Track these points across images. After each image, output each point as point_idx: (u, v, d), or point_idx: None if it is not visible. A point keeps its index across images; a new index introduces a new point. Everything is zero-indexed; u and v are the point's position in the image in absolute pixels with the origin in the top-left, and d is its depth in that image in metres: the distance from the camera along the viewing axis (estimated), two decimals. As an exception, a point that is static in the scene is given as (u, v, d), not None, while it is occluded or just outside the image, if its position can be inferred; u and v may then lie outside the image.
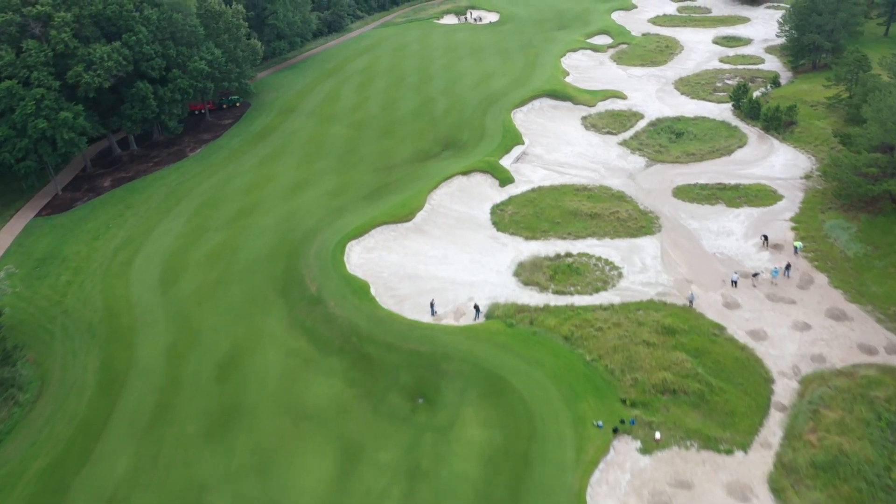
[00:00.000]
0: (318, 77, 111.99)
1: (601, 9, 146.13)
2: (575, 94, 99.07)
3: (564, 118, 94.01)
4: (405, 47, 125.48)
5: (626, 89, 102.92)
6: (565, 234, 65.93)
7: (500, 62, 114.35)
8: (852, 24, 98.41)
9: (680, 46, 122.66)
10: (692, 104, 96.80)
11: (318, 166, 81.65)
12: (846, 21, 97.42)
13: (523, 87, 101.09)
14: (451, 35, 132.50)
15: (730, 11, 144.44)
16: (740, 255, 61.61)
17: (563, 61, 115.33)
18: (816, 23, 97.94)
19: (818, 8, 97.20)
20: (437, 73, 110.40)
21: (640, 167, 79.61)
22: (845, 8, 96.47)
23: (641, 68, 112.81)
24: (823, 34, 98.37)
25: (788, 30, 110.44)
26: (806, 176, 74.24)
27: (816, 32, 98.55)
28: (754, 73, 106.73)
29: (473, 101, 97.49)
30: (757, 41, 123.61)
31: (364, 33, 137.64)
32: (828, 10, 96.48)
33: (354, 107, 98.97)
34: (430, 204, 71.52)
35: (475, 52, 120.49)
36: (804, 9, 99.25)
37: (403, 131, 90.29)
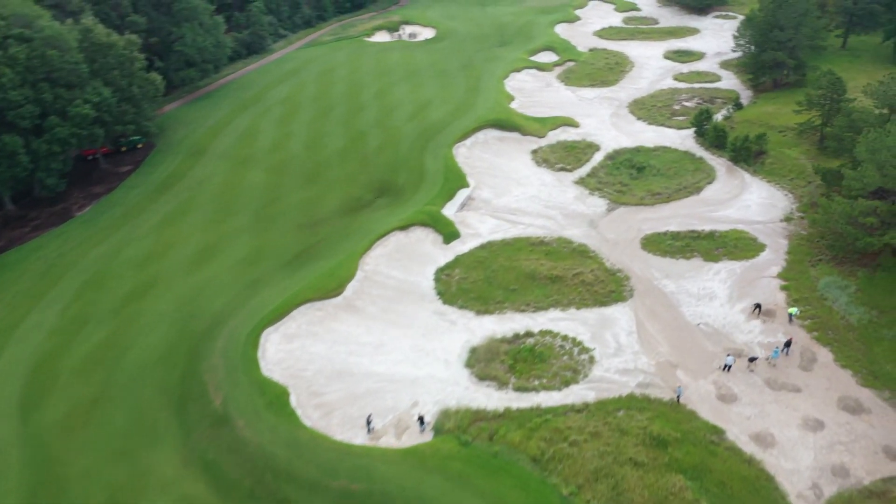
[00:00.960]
0: (235, 109, 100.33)
1: (544, 22, 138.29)
2: (523, 123, 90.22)
3: (513, 152, 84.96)
4: (333, 71, 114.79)
5: (577, 115, 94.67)
6: (523, 306, 56.58)
7: (439, 87, 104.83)
8: (816, 39, 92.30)
9: (630, 63, 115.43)
10: (650, 131, 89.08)
11: (231, 225, 70.41)
12: (810, 36, 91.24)
13: (465, 117, 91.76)
14: (383, 55, 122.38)
15: (678, 22, 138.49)
16: (728, 325, 53.32)
17: (507, 83, 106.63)
18: (777, 38, 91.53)
19: (779, 23, 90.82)
20: (368, 102, 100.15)
21: (602, 211, 71.01)
22: (808, 23, 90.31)
23: (592, 89, 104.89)
24: (785, 50, 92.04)
25: (745, 44, 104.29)
26: (786, 218, 66.87)
27: (777, 49, 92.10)
28: (712, 92, 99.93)
29: (410, 136, 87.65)
30: (710, 55, 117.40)
31: (288, 54, 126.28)
32: (790, 25, 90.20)
33: (275, 145, 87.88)
34: (363, 271, 61.28)
35: (411, 76, 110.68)
36: (764, 24, 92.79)
37: (331, 175, 79.79)
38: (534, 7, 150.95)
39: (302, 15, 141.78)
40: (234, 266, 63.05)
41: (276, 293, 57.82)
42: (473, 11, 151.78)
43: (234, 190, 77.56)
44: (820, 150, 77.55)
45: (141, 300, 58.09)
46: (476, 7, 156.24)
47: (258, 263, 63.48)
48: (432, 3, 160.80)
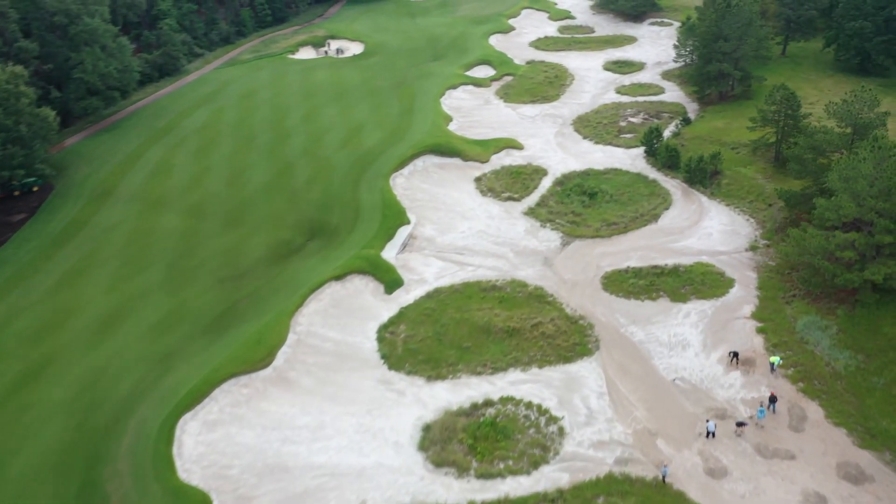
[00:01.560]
0: (145, 141, 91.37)
1: (477, 33, 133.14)
2: (463, 147, 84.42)
3: (455, 181, 79.06)
4: (255, 93, 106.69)
5: (520, 135, 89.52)
6: (480, 367, 50.63)
7: (371, 108, 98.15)
8: (760, 49, 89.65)
9: (570, 76, 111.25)
10: (598, 152, 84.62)
11: (142, 282, 62.17)
12: (755, 47, 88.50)
13: (402, 143, 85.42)
14: (309, 74, 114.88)
15: (613, 30, 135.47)
16: (706, 379, 48.55)
17: (443, 102, 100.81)
18: (722, 49, 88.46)
19: (723, 33, 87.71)
20: (295, 128, 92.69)
21: (556, 246, 65.74)
22: (752, 32, 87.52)
23: (533, 106, 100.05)
24: (730, 61, 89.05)
25: (687, 54, 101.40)
26: (752, 247, 62.96)
27: (722, 60, 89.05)
28: (658, 106, 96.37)
29: (343, 166, 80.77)
30: (650, 65, 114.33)
31: (204, 76, 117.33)
32: (734, 35, 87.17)
33: (192, 183, 79.63)
34: (296, 333, 54.27)
35: (340, 96, 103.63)
36: (707, 34, 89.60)
37: (256, 215, 72.22)
38: (465, 17, 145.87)
39: (219, 31, 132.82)
40: (145, 335, 55.02)
41: (195, 368, 50.27)
42: (403, 23, 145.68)
43: (146, 238, 69.13)
44: (776, 168, 74.49)
45: (31, 387, 49.54)
46: (406, 18, 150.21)
47: (173, 330, 55.59)
48: (359, 14, 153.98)
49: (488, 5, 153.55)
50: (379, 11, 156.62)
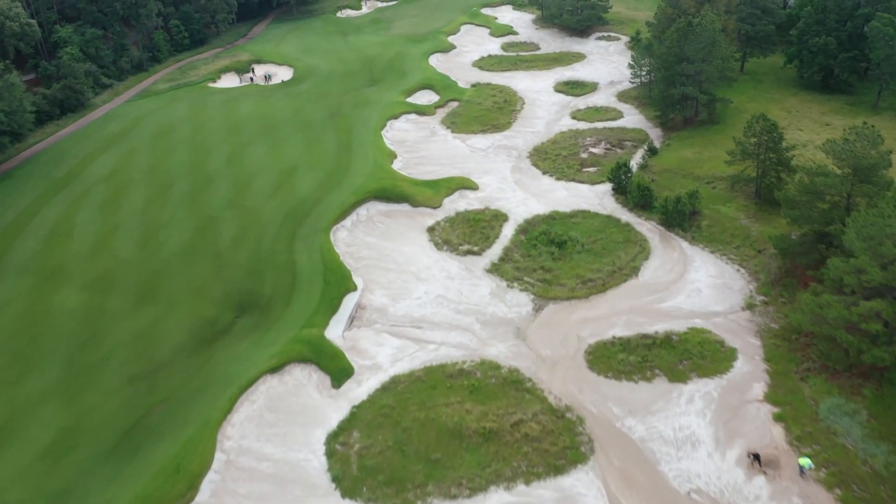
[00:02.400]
0: (42, 194, 79.51)
1: (415, 53, 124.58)
2: (412, 190, 75.59)
3: (405, 232, 70.15)
4: (171, 131, 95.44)
5: (474, 172, 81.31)
6: (454, 488, 41.87)
7: (305, 145, 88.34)
8: (726, 70, 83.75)
9: (520, 100, 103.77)
10: (561, 189, 77.08)
11: (31, 387, 51.15)
12: (720, 68, 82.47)
13: (341, 187, 76.12)
14: (233, 105, 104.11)
15: (560, 46, 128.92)
16: (727, 489, 40.90)
17: (385, 135, 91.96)
18: (685, 72, 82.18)
19: (686, 55, 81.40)
20: (218, 172, 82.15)
21: (528, 312, 57.51)
22: (717, 53, 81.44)
23: (484, 136, 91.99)
24: (694, 84, 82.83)
25: (645, 74, 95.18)
26: (748, 305, 56.08)
27: (686, 83, 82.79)
28: (619, 133, 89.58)
29: (275, 219, 70.93)
30: (604, 85, 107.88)
31: (113, 111, 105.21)
32: (698, 57, 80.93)
33: (97, 247, 68.49)
34: (224, 451, 44.48)
35: (269, 131, 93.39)
36: (668, 56, 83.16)
37: (174, 287, 61.79)
38: (401, 35, 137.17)
39: (129, 58, 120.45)
40: (31, 466, 44.25)
41: (95, 514, 39.77)
42: (334, 43, 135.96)
43: (38, 324, 57.91)
44: (758, 206, 68.28)
45: None
46: (336, 37, 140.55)
47: (68, 456, 44.97)
48: (285, 34, 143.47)
49: (424, 22, 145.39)
50: (307, 30, 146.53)
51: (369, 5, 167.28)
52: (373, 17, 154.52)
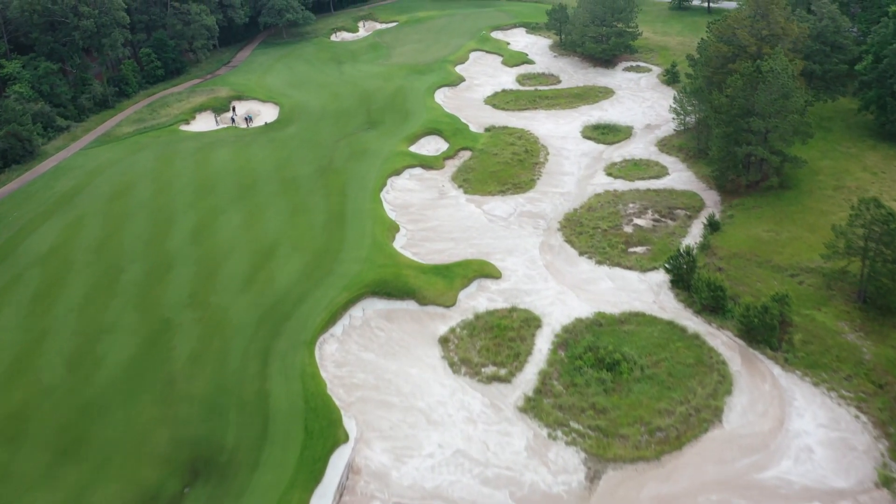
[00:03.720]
0: (-40, 283, 64.80)
1: (419, 87, 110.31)
2: (419, 281, 61.18)
3: (410, 343, 55.62)
4: (130, 190, 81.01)
5: (494, 252, 67.05)
6: None
7: (288, 213, 73.97)
8: (802, 125, 69.35)
9: (543, 149, 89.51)
10: (605, 280, 62.62)
11: None
12: (796, 125, 68.08)
13: (331, 278, 61.77)
14: (207, 155, 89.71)
15: (583, 79, 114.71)
16: None
17: (384, 197, 77.75)
18: (752, 128, 67.82)
19: (755, 108, 67.02)
20: (180, 253, 67.64)
21: (579, 483, 42.94)
22: (793, 106, 67.03)
23: (503, 199, 77.71)
24: (763, 143, 68.43)
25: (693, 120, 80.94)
26: (884, 480, 41.31)
27: (754, 142, 68.46)
28: (667, 197, 75.19)
29: (246, 325, 56.45)
30: (639, 130, 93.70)
31: (66, 162, 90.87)
32: (771, 110, 66.52)
33: (13, 368, 54.04)
34: None
35: (246, 192, 79.03)
36: (732, 108, 68.78)
37: (106, 435, 47.32)
38: (403, 64, 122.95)
39: (91, 94, 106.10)
40: None
41: None
42: (327, 73, 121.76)
43: (-86, 501, 43.05)
44: (864, 313, 53.71)
45: None
46: (330, 66, 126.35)
47: None
48: (273, 62, 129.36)
49: (428, 48, 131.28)
50: (297, 56, 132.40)
51: (367, 27, 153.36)
52: (371, 41, 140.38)
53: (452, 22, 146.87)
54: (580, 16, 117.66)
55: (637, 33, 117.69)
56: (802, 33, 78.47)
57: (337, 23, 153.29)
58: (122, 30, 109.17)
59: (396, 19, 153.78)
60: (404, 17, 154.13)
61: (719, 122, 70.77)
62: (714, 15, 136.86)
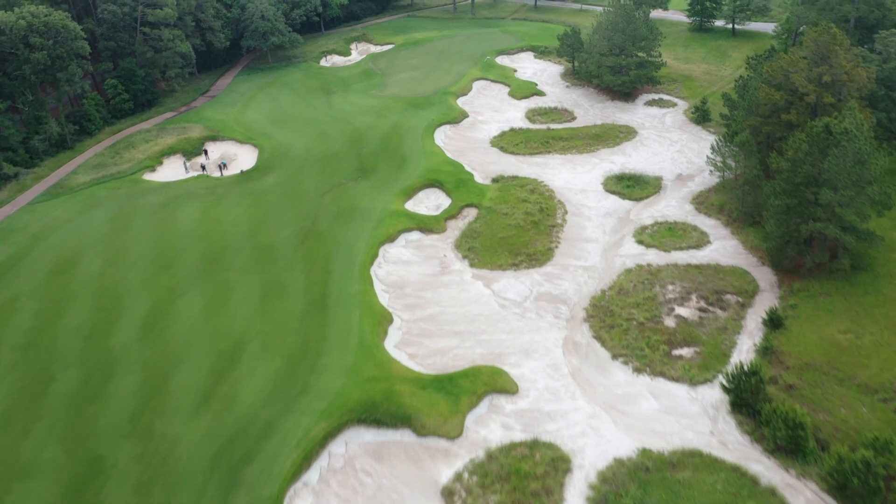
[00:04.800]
0: None
1: (417, 125, 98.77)
2: (416, 400, 49.65)
3: (406, 495, 43.66)
4: (77, 262, 69.37)
5: (508, 353, 55.69)
6: None
7: (260, 297, 62.33)
8: (880, 197, 57.73)
9: (560, 206, 78.13)
10: (647, 397, 51.07)
11: None
12: (876, 195, 56.48)
13: (306, 399, 50.36)
14: (170, 215, 78.00)
15: (600, 115, 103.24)
16: None
17: (376, 275, 66.19)
18: (822, 201, 56.18)
19: (825, 177, 55.43)
20: (124, 354, 56.04)
21: None
22: (870, 174, 55.45)
23: (516, 275, 66.23)
24: (834, 220, 56.78)
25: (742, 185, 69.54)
26: None
27: (822, 217, 56.80)
28: (712, 276, 63.58)
29: (196, 473, 45.00)
30: (670, 182, 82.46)
31: (6, 221, 79.31)
32: (847, 181, 54.89)
33: None
34: None
35: (212, 265, 67.43)
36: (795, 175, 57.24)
37: None
38: (399, 96, 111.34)
39: (46, 135, 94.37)
40: None
41: None
42: (314, 105, 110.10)
43: None
44: None
45: None
46: (318, 97, 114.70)
47: None
48: (255, 91, 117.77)
49: (426, 76, 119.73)
50: (282, 85, 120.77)
51: (360, 50, 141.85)
52: (364, 67, 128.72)
53: (453, 45, 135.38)
54: (596, 43, 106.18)
55: (660, 63, 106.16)
56: (870, 77, 66.95)
57: (328, 45, 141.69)
58: (82, 61, 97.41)
59: (392, 41, 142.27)
60: (400, 38, 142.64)
61: (778, 191, 59.13)
62: (740, 38, 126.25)
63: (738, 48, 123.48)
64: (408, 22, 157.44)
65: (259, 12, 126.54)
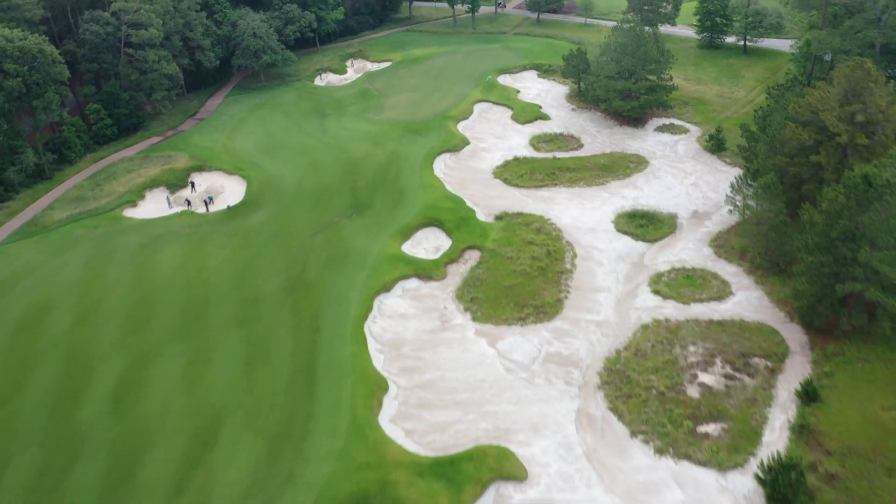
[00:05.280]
0: None
1: (415, 154, 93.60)
2: (414, 496, 44.57)
3: None
4: (45, 315, 64.18)
5: (514, 428, 50.85)
6: None
7: (242, 361, 57.37)
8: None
9: (569, 248, 73.09)
10: (672, 486, 46.19)
11: None
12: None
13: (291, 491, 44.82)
14: (150, 259, 72.80)
15: (608, 142, 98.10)
16: None
17: (369, 331, 61.17)
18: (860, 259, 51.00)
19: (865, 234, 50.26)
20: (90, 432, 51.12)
21: None
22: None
23: (522, 331, 61.25)
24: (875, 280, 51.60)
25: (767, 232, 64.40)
26: None
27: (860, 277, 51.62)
28: (737, 335, 58.56)
29: (163, 585, 39.25)
30: (685, 220, 77.64)
31: (-24, 264, 73.75)
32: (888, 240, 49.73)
33: None
34: None
35: (192, 322, 62.48)
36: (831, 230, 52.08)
37: None
38: (396, 121, 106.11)
39: (22, 165, 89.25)
40: None
41: None
42: (308, 132, 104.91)
43: None
44: None
45: None
46: (311, 120, 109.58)
47: None
48: (246, 114, 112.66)
49: (425, 98, 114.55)
50: (274, 106, 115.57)
51: (356, 67, 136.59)
52: (360, 87, 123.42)
53: (453, 62, 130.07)
54: (604, 66, 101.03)
55: (672, 87, 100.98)
56: (906, 116, 61.90)
57: (323, 62, 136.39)
58: (61, 87, 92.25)
59: (389, 58, 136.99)
60: (398, 55, 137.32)
61: (811, 246, 53.96)
62: (752, 57, 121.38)
63: (751, 67, 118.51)
64: (406, 37, 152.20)
65: (250, 30, 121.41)
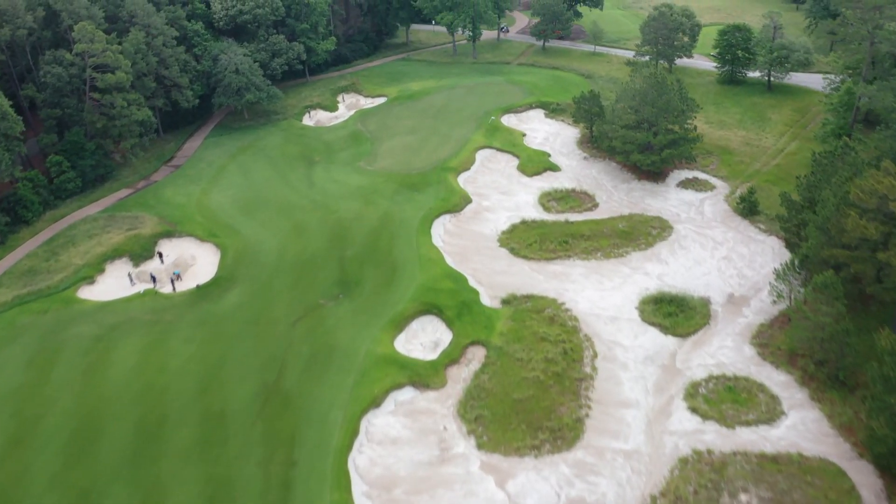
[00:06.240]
0: None
1: (412, 217, 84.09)
2: None
3: None
4: (-29, 440, 54.26)
5: None
6: None
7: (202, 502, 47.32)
8: None
9: (588, 343, 63.90)
10: None
11: None
12: None
13: None
14: (102, 358, 63.25)
15: (627, 201, 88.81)
16: None
17: (355, 466, 51.95)
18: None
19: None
20: None
21: None
22: None
23: (536, 466, 52.02)
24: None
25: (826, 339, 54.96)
26: None
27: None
28: (794, 475, 49.41)
29: None
30: (721, 308, 68.40)
31: None
32: None
33: None
34: None
35: (145, 448, 53.23)
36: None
37: None
38: (391, 172, 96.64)
39: (-32, 233, 79.45)
40: None
41: None
42: (293, 184, 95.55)
43: None
44: None
45: None
46: (297, 168, 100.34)
47: None
48: (226, 161, 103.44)
49: (423, 142, 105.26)
50: (258, 150, 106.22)
51: (348, 103, 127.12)
52: (351, 128, 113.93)
53: (453, 99, 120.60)
54: (620, 115, 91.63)
55: (697, 138, 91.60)
56: None
57: (312, 97, 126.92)
58: (13, 142, 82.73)
59: (384, 93, 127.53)
60: (394, 89, 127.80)
61: (893, 382, 44.34)
62: (777, 95, 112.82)
63: (778, 108, 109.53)
64: (403, 67, 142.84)
65: (233, 65, 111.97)
